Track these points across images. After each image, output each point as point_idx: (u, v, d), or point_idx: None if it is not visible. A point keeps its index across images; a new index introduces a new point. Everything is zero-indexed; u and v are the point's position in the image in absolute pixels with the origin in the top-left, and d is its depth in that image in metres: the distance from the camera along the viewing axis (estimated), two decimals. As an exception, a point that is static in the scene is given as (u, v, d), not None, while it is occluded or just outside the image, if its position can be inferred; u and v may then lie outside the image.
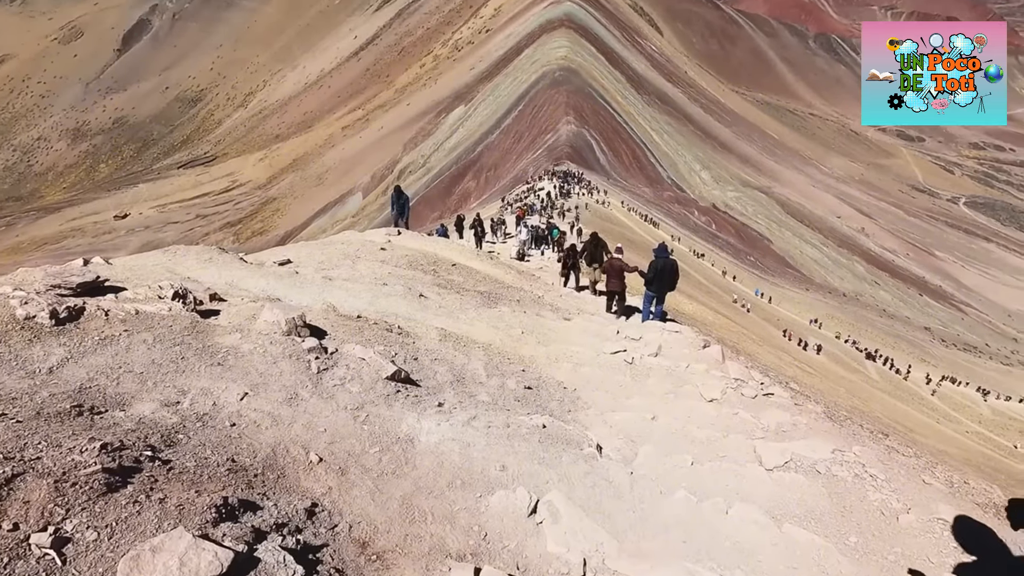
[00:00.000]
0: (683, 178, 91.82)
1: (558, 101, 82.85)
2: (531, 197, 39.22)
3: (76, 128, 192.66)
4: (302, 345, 3.80)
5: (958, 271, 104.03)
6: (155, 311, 3.88)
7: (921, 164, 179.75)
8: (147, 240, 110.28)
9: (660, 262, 9.19)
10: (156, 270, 6.21)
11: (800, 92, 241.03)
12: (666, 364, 6.79)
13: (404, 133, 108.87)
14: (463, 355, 5.28)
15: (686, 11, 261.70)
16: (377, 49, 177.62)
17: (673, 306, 17.81)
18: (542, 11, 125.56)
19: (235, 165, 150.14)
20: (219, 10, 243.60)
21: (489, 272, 11.16)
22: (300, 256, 9.23)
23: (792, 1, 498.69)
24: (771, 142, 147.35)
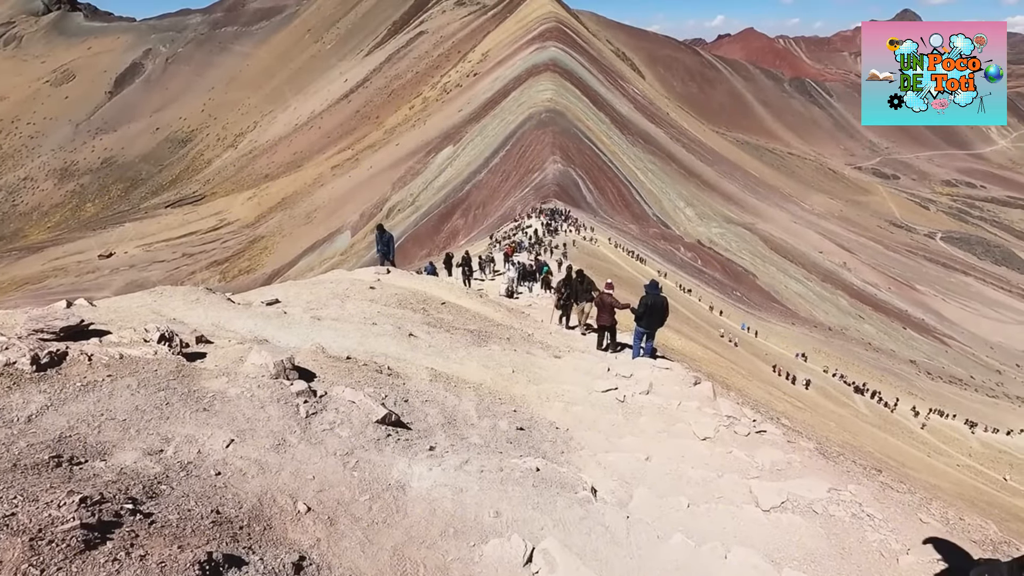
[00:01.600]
0: (668, 215, 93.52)
1: (544, 141, 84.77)
2: (519, 234, 39.61)
3: (64, 168, 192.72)
4: (290, 388, 3.73)
5: (939, 304, 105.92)
6: (140, 355, 3.80)
7: (897, 201, 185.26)
8: (131, 279, 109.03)
9: (650, 298, 9.25)
10: (141, 311, 6.12)
11: (778, 132, 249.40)
12: (658, 402, 6.75)
13: (393, 172, 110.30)
14: (454, 396, 5.21)
15: (666, 56, 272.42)
16: (367, 92, 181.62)
17: (662, 342, 17.85)
18: (528, 56, 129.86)
19: (223, 204, 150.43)
20: (212, 54, 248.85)
21: (479, 310, 11.15)
22: (288, 296, 9.16)
23: (767, 47, 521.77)
24: (752, 180, 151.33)
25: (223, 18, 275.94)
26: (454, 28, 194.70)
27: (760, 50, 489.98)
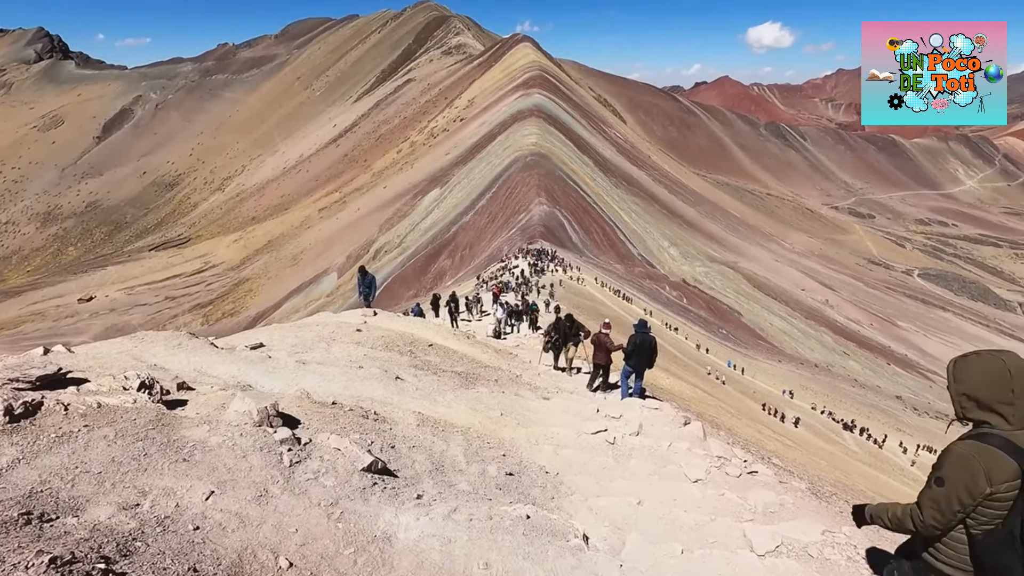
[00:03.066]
0: (653, 254, 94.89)
1: (530, 183, 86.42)
2: (506, 275, 39.81)
3: (47, 212, 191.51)
4: (274, 436, 3.64)
5: (921, 340, 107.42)
6: (118, 404, 3.70)
7: (874, 239, 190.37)
8: (111, 323, 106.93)
9: (639, 337, 9.30)
10: (122, 358, 5.99)
11: (756, 174, 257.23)
12: (648, 443, 6.68)
13: (380, 214, 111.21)
14: (442, 441, 5.12)
15: (646, 103, 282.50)
16: (355, 136, 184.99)
17: (651, 381, 17.79)
18: (513, 102, 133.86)
19: (209, 247, 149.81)
20: (202, 101, 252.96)
21: (466, 352, 11.08)
22: (273, 339, 9.05)
23: (742, 94, 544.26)
24: (734, 220, 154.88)
25: (214, 66, 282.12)
26: (441, 76, 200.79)
27: (736, 96, 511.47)
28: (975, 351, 2.15)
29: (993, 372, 2.01)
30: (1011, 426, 1.98)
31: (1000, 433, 1.97)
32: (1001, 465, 1.91)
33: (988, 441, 1.96)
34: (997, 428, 1.99)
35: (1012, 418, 1.97)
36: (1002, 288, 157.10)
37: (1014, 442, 1.94)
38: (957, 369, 2.12)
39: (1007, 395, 1.98)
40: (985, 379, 2.02)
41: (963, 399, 2.09)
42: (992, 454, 1.93)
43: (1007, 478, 1.90)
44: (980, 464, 1.93)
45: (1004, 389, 1.98)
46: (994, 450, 1.93)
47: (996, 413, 2.00)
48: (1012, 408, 1.97)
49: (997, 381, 1.99)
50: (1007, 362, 2.01)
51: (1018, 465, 1.90)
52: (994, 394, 1.99)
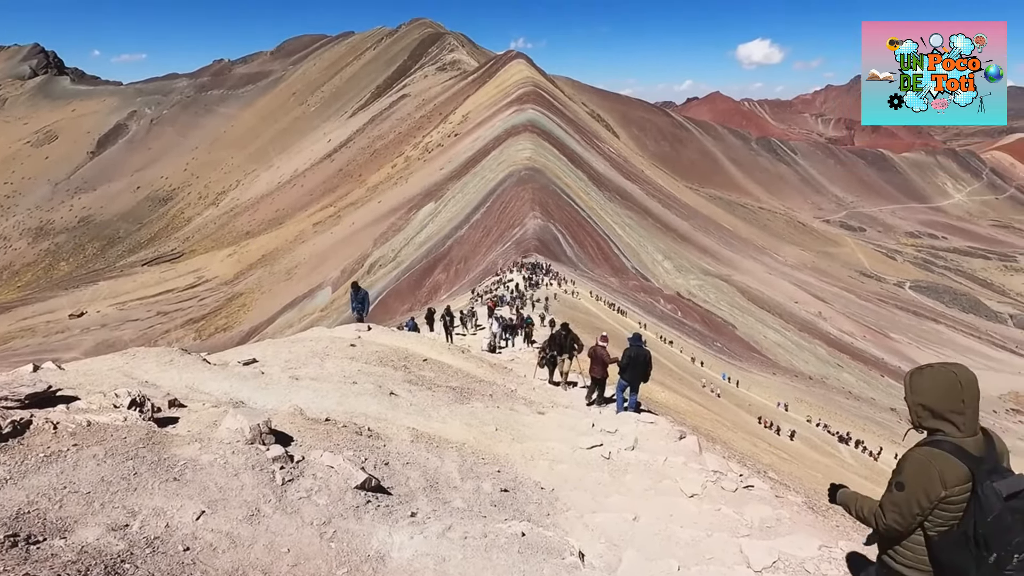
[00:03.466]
0: (647, 268, 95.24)
1: (524, 197, 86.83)
2: (501, 289, 39.82)
3: (39, 227, 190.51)
4: (266, 454, 3.60)
5: (914, 352, 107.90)
6: (109, 422, 3.66)
7: (865, 252, 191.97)
8: (102, 339, 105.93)
9: (633, 350, 9.31)
10: (112, 375, 5.94)
11: (748, 188, 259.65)
12: (644, 458, 6.66)
13: (375, 229, 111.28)
14: (436, 457, 5.08)
15: (639, 118, 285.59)
16: (350, 151, 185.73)
17: (646, 395, 17.76)
18: (507, 117, 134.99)
19: (202, 261, 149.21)
20: (197, 116, 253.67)
21: (461, 366, 11.03)
22: (266, 355, 8.99)
23: (733, 109, 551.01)
24: (727, 233, 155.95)
25: (210, 82, 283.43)
26: (436, 92, 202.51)
27: (727, 112, 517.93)
28: (930, 364, 2.28)
29: (945, 384, 2.14)
30: (962, 433, 2.11)
31: (952, 440, 2.11)
32: (954, 469, 2.04)
33: (941, 447, 2.10)
34: (950, 435, 2.13)
35: (963, 426, 2.11)
36: (992, 300, 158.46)
37: (965, 448, 2.08)
38: (913, 381, 2.25)
39: (958, 405, 2.11)
40: (938, 390, 2.15)
41: (919, 408, 2.22)
42: (945, 459, 2.06)
43: (959, 481, 2.03)
44: (936, 468, 2.06)
45: (955, 400, 2.12)
46: (947, 455, 2.07)
47: (948, 421, 2.14)
48: (963, 417, 2.11)
49: (949, 392, 2.13)
50: (958, 375, 2.14)
51: (968, 469, 2.03)
52: (946, 404, 2.13)
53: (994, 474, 2.05)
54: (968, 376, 2.14)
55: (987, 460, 2.08)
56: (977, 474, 2.03)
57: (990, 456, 2.11)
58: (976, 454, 2.08)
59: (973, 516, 2.01)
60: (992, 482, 2.03)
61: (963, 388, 2.11)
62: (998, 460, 2.12)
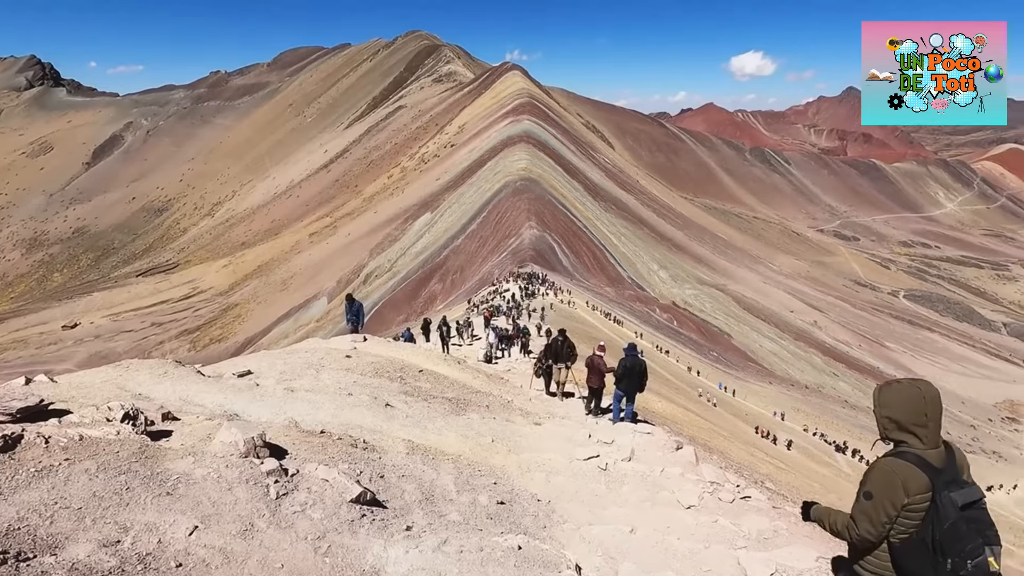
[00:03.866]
0: (643, 277, 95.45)
1: (520, 207, 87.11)
2: (497, 299, 39.80)
3: (33, 238, 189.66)
4: (260, 468, 3.58)
5: (909, 360, 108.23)
6: (101, 436, 3.63)
7: (859, 261, 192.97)
8: (96, 350, 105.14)
9: (629, 360, 9.33)
10: (106, 387, 5.89)
11: (743, 198, 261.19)
12: (640, 469, 6.64)
13: (371, 239, 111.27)
14: (432, 469, 5.05)
15: (634, 129, 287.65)
16: (346, 162, 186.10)
17: (643, 404, 17.72)
18: (503, 128, 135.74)
19: (198, 272, 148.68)
20: (193, 127, 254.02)
21: (457, 377, 11.00)
22: (261, 366, 8.94)
23: (727, 120, 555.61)
24: (722, 243, 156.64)
25: (206, 93, 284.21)
26: (432, 103, 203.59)
27: (721, 123, 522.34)
28: (898, 380, 2.43)
29: (911, 399, 2.28)
30: (924, 446, 2.25)
31: (915, 451, 2.25)
32: (916, 478, 2.17)
33: (905, 458, 2.23)
34: (913, 447, 2.26)
35: (925, 439, 2.25)
36: (986, 308, 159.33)
37: (927, 459, 2.21)
38: (881, 395, 2.38)
39: (922, 418, 2.25)
40: (904, 405, 2.28)
41: (886, 421, 2.34)
42: (908, 469, 2.19)
43: (920, 490, 2.16)
44: (899, 477, 2.19)
45: (919, 413, 2.26)
46: (910, 465, 2.20)
47: (913, 434, 2.27)
48: (925, 430, 2.25)
49: (914, 407, 2.26)
50: (922, 390, 2.28)
51: (929, 479, 2.17)
52: (911, 418, 2.26)
53: (953, 484, 2.18)
54: (932, 392, 2.28)
55: (947, 471, 2.21)
56: (936, 484, 2.16)
57: (950, 468, 2.23)
58: (937, 465, 2.21)
59: (931, 524, 2.14)
60: (950, 492, 2.15)
61: (927, 403, 2.25)
62: (958, 472, 2.24)
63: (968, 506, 2.14)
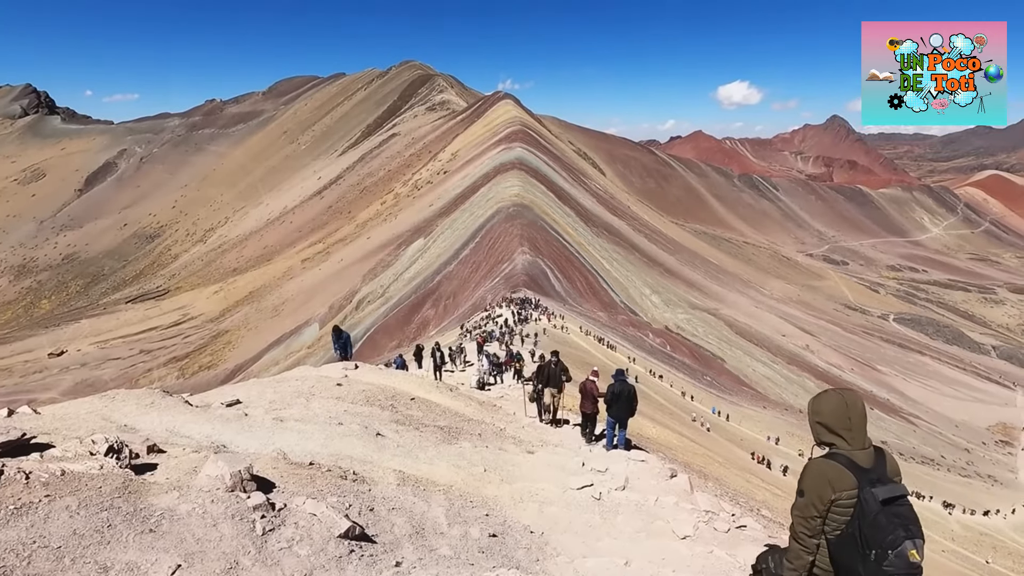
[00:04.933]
0: (635, 302, 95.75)
1: (513, 233, 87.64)
2: (490, 324, 39.71)
3: (21, 264, 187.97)
4: (247, 502, 3.50)
5: (901, 384, 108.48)
6: (84, 470, 3.55)
7: (849, 285, 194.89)
8: (82, 379, 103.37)
9: (618, 386, 9.34)
10: (90, 418, 5.78)
11: (732, 223, 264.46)
12: (635, 498, 6.56)
13: (364, 265, 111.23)
14: (423, 501, 4.96)
15: (624, 155, 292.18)
16: (340, 188, 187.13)
17: (637, 430, 17.60)
18: (496, 155, 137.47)
19: (188, 298, 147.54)
20: (187, 154, 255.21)
21: (449, 405, 10.90)
22: (250, 395, 8.82)
23: (715, 147, 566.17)
24: (713, 267, 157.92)
25: (201, 121, 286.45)
26: (425, 131, 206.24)
27: (709, 150, 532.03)
28: (827, 390, 2.67)
29: (836, 405, 2.54)
30: (851, 447, 2.49)
31: (843, 453, 2.48)
32: (841, 477, 2.40)
33: (834, 459, 2.47)
34: (842, 449, 2.50)
35: (852, 441, 2.49)
36: (975, 332, 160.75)
37: (854, 460, 2.44)
38: (813, 404, 2.64)
39: (846, 423, 2.50)
40: (831, 411, 2.54)
41: (817, 427, 2.60)
42: (835, 468, 2.43)
43: (846, 487, 2.38)
44: (826, 476, 2.42)
45: (844, 418, 2.50)
46: (838, 465, 2.43)
47: (840, 437, 2.51)
48: (850, 433, 2.49)
49: (839, 413, 2.52)
50: (845, 398, 2.55)
51: (855, 477, 2.39)
52: (837, 423, 2.51)
53: (877, 483, 2.39)
54: (854, 399, 2.55)
55: (874, 471, 2.43)
56: (862, 482, 2.38)
57: (877, 468, 2.45)
58: (864, 465, 2.44)
59: (858, 518, 2.36)
60: (873, 489, 2.36)
61: (849, 408, 2.51)
62: (884, 472, 2.46)
63: (890, 502, 2.34)
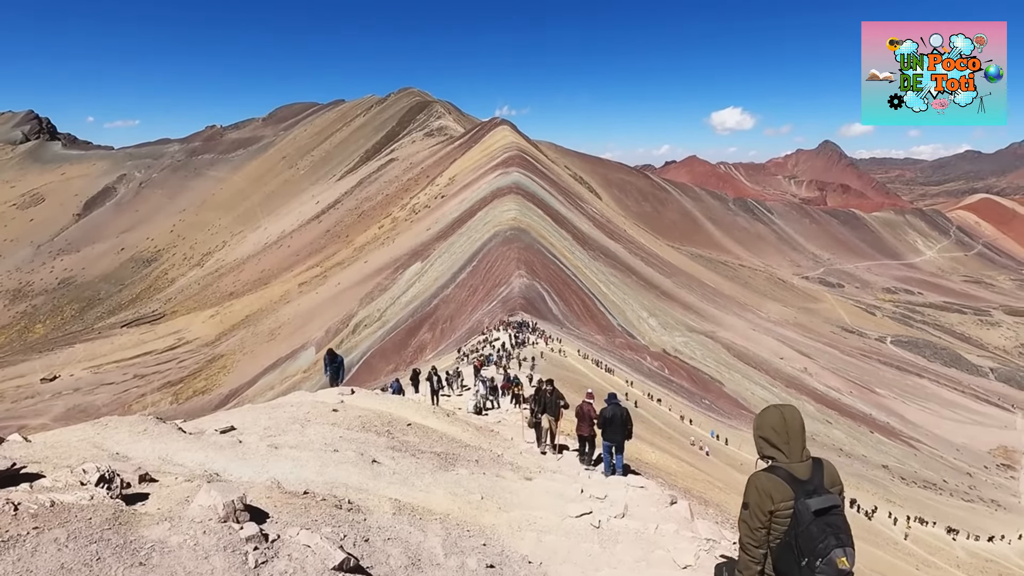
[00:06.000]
0: (632, 325, 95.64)
1: (510, 256, 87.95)
2: (487, 347, 39.55)
3: (17, 289, 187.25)
4: (240, 533, 3.44)
5: (900, 407, 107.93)
6: (74, 501, 3.49)
7: (845, 307, 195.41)
8: (74, 404, 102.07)
9: (610, 410, 9.31)
10: (82, 446, 5.70)
11: (728, 246, 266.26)
12: (634, 526, 6.46)
13: (361, 288, 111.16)
14: (419, 531, 4.88)
15: (620, 180, 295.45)
16: (338, 212, 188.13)
17: (635, 455, 17.41)
18: (493, 180, 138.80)
19: (184, 322, 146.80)
20: (186, 179, 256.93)
21: (446, 431, 10.79)
22: (245, 422, 8.73)
23: (710, 172, 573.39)
24: (709, 290, 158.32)
25: (201, 147, 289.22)
26: (423, 156, 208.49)
27: (704, 174, 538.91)
28: (768, 405, 2.81)
29: (775, 420, 2.68)
30: (789, 460, 2.62)
31: (782, 465, 2.62)
32: (780, 489, 2.53)
33: (773, 472, 2.61)
34: (780, 462, 2.63)
35: (790, 454, 2.63)
36: (972, 354, 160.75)
37: (792, 472, 2.58)
38: (756, 419, 2.77)
39: (784, 437, 2.64)
40: (770, 426, 2.68)
41: (759, 441, 2.72)
42: (774, 480, 2.56)
43: (784, 498, 2.51)
44: (766, 489, 2.55)
45: (782, 433, 2.65)
46: (776, 478, 2.56)
47: (779, 450, 2.65)
48: (788, 447, 2.63)
49: (778, 427, 2.66)
50: (784, 413, 2.70)
51: (792, 489, 2.52)
52: (776, 437, 2.66)
53: (812, 494, 2.52)
54: (792, 413, 2.70)
55: (810, 483, 2.56)
56: (797, 493, 2.51)
57: (814, 479, 2.58)
58: (801, 477, 2.56)
59: (793, 528, 2.49)
60: (807, 499, 2.49)
61: (787, 423, 2.65)
62: (821, 484, 2.58)
63: (823, 512, 2.46)
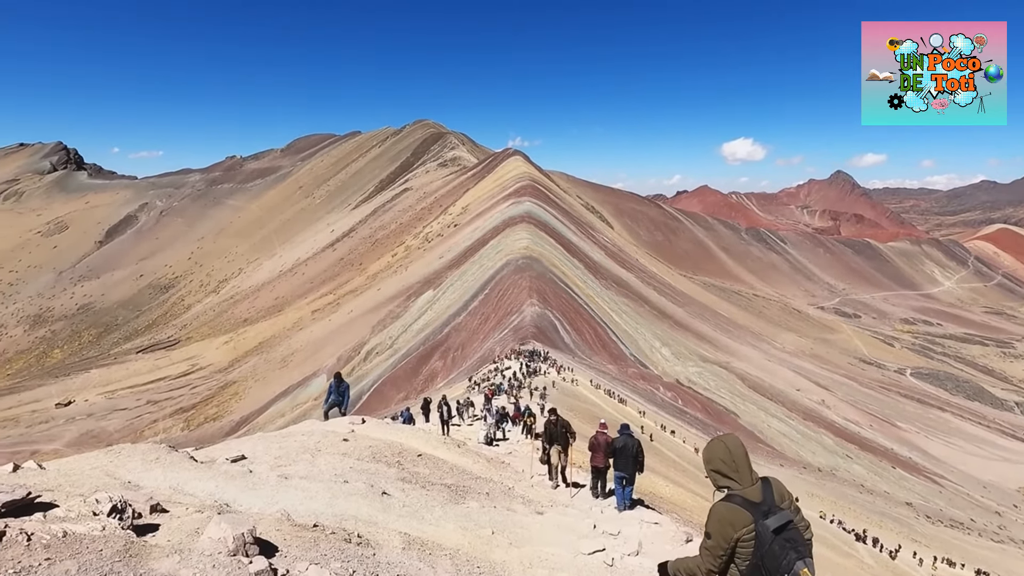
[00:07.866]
0: (645, 355, 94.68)
1: (522, 285, 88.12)
2: (498, 376, 39.30)
3: (37, 314, 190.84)
4: (249, 568, 3.41)
5: (923, 442, 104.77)
6: (86, 532, 3.49)
7: (863, 338, 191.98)
8: (87, 429, 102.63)
9: (621, 439, 9.17)
10: (94, 475, 5.73)
11: (741, 276, 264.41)
12: (648, 565, 6.29)
13: (373, 316, 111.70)
14: (428, 567, 4.79)
15: (632, 209, 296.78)
16: (352, 240, 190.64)
17: (649, 489, 17.04)
18: (505, 209, 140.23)
19: (198, 349, 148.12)
20: (206, 208, 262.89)
21: (456, 462, 10.67)
22: (256, 451, 8.72)
23: (722, 201, 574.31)
24: (723, 320, 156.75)
25: (221, 176, 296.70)
26: (437, 185, 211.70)
27: (716, 204, 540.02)
28: (712, 439, 2.93)
29: (721, 452, 2.79)
30: (742, 486, 2.71)
31: (738, 492, 2.70)
32: (739, 516, 2.62)
33: (732, 500, 2.68)
34: (735, 490, 2.72)
35: (741, 480, 2.73)
36: (996, 387, 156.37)
37: (747, 497, 2.67)
38: (703, 452, 2.90)
39: (732, 465, 2.75)
40: (719, 458, 2.78)
41: (712, 474, 2.82)
42: (733, 509, 2.64)
43: (744, 524, 2.60)
44: (727, 518, 2.63)
45: (729, 462, 2.75)
46: (734, 506, 2.65)
47: (730, 479, 2.75)
48: (738, 474, 2.74)
49: (725, 458, 2.77)
50: (726, 442, 2.82)
51: (750, 514, 2.61)
52: (724, 467, 2.76)
53: (769, 514, 2.63)
54: (733, 442, 2.82)
55: (764, 503, 2.65)
56: (756, 516, 2.61)
57: (767, 499, 2.67)
58: (755, 500, 2.66)
59: (758, 549, 2.58)
60: (765, 520, 2.60)
61: (731, 451, 2.76)
62: (772, 503, 2.67)
63: (780, 529, 2.58)
